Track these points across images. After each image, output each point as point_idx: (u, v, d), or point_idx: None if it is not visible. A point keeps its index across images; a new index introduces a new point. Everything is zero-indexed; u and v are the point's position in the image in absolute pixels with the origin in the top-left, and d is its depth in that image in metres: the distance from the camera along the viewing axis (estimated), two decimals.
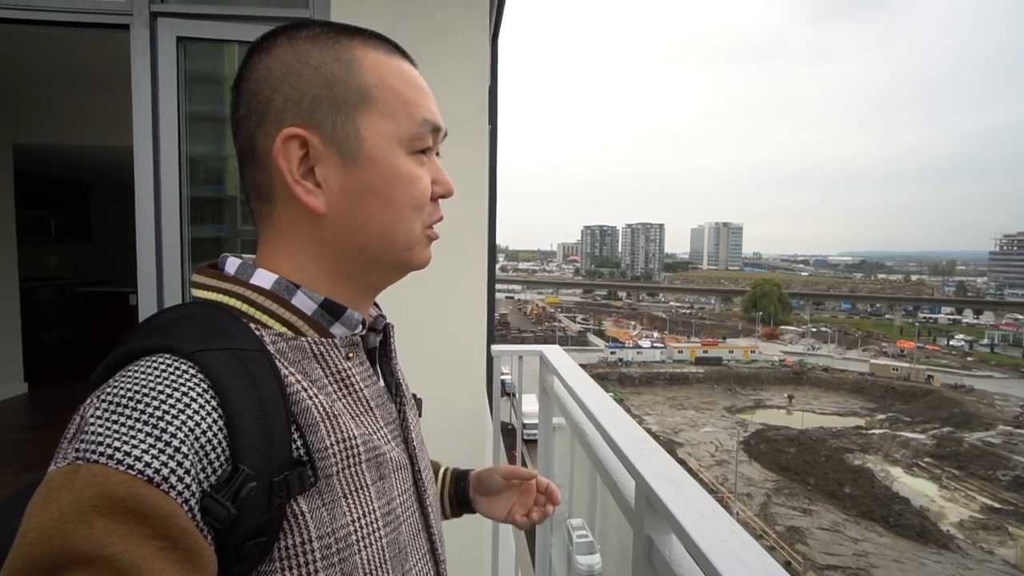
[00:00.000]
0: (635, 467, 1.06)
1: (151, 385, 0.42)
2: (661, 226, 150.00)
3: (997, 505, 25.86)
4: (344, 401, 0.53)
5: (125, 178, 2.32)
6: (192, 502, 0.40)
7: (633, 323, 75.56)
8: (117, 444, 0.39)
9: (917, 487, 27.74)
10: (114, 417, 0.40)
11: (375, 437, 0.55)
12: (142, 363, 0.44)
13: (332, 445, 0.50)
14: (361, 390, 0.56)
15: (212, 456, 0.42)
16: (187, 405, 0.42)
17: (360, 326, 0.57)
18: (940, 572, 21.24)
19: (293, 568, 0.46)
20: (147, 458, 0.39)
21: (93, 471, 0.38)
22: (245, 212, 2.59)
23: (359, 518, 0.50)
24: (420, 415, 0.70)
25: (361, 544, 0.50)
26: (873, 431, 35.59)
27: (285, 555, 0.45)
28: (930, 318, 79.10)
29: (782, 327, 71.70)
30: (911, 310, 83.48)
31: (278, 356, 0.50)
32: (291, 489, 0.46)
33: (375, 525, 0.52)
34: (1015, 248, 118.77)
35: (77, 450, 0.39)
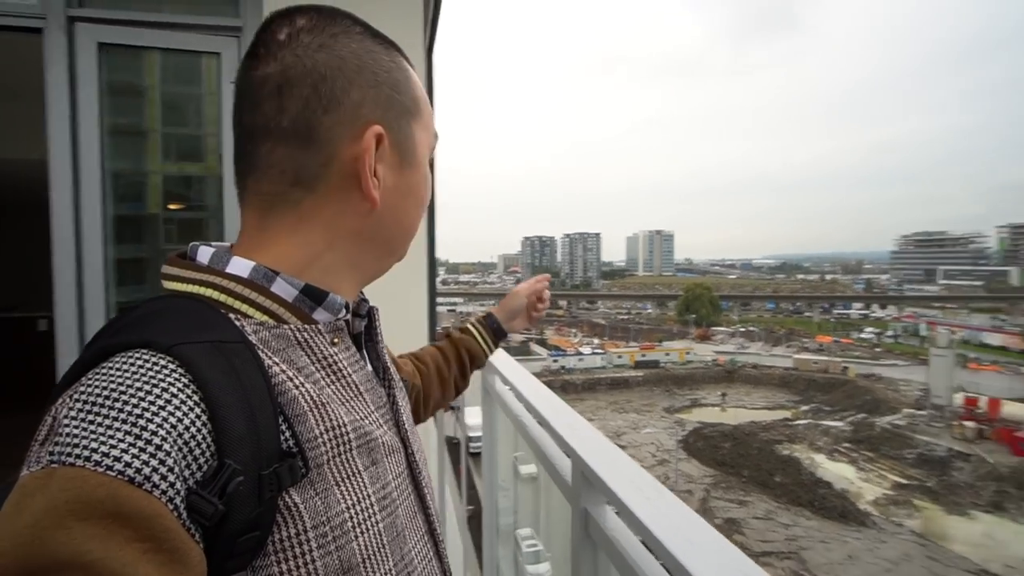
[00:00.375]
0: (570, 445, 1.14)
1: (128, 382, 0.40)
2: (598, 235, 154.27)
3: (904, 481, 28.21)
4: (332, 387, 0.52)
5: (30, 194, 2.20)
6: (177, 500, 0.38)
7: (574, 331, 77.04)
8: (94, 445, 0.37)
9: (838, 471, 29.80)
10: (90, 417, 0.38)
11: (366, 422, 0.54)
12: (117, 360, 0.42)
13: (322, 434, 0.49)
14: (349, 375, 0.55)
15: (196, 452, 0.40)
16: (168, 401, 0.40)
17: (343, 310, 0.56)
18: (859, 547, 22.86)
19: (289, 559, 0.45)
20: (127, 457, 0.37)
21: (69, 474, 0.36)
22: (170, 230, 2.51)
23: (354, 504, 0.50)
24: (410, 399, 0.75)
25: (358, 530, 0.49)
26: (798, 422, 37.94)
27: (280, 547, 0.44)
28: (843, 314, 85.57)
29: (714, 328, 75.23)
30: (827, 307, 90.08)
31: (261, 346, 0.48)
32: (282, 482, 0.44)
33: (371, 510, 0.51)
34: (911, 247, 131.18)
35: (51, 453, 0.37)
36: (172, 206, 2.40)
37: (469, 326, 1.15)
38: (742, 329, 75.13)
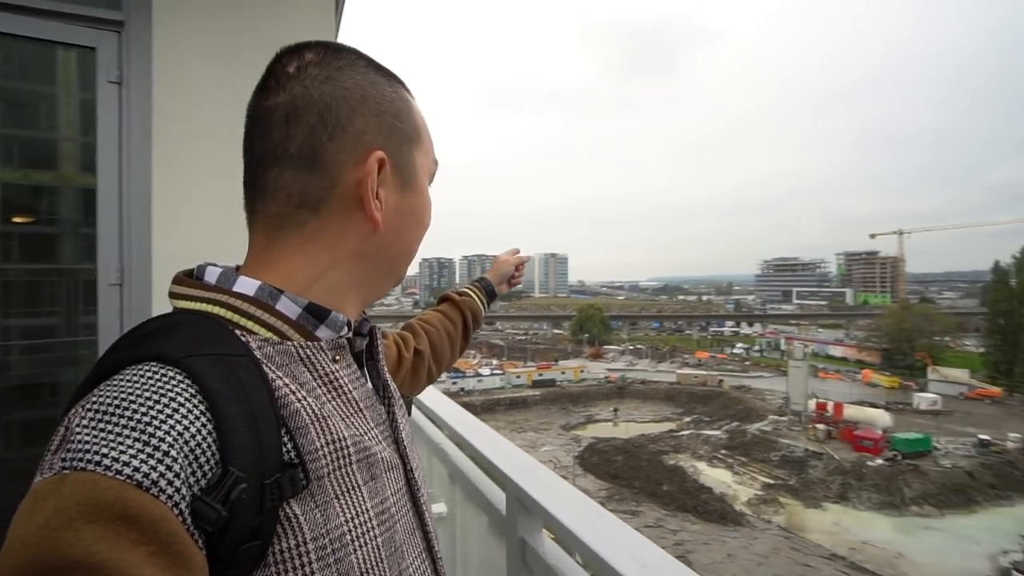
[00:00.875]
0: (506, 474, 1.13)
1: (138, 392, 0.42)
2: (496, 257, 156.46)
3: (771, 481, 31.27)
4: (333, 403, 0.54)
5: None
6: (183, 506, 0.40)
7: (473, 352, 76.92)
8: (105, 451, 0.38)
9: (717, 476, 32.32)
10: (101, 425, 0.40)
11: (366, 438, 0.55)
12: (128, 372, 0.44)
13: (322, 447, 0.50)
14: (350, 392, 0.56)
15: (202, 460, 0.42)
16: (175, 410, 0.42)
17: (345, 328, 0.57)
18: (736, 545, 24.87)
19: (289, 571, 0.45)
20: (136, 463, 0.38)
21: (80, 478, 0.37)
22: (8, 246, 2.14)
23: (353, 518, 0.50)
24: (409, 415, 0.72)
25: (356, 544, 0.50)
26: (682, 433, 40.71)
27: (280, 558, 0.45)
28: (718, 331, 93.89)
29: (605, 347, 78.92)
30: (704, 325, 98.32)
31: (265, 361, 0.50)
32: (283, 492, 0.46)
33: (369, 525, 0.52)
34: (771, 271, 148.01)
35: (63, 459, 0.39)
36: (16, 219, 2.06)
37: (466, 289, 1.22)
38: (631, 347, 79.61)
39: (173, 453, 0.40)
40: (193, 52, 1.95)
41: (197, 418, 0.42)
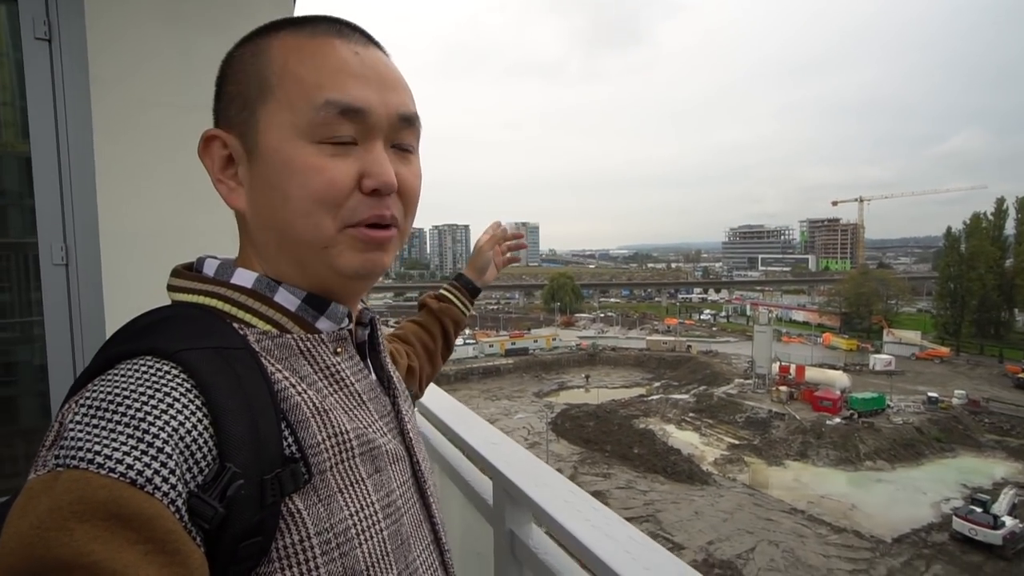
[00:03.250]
0: (492, 464, 1.07)
1: (132, 387, 0.41)
2: (467, 227, 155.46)
3: (736, 442, 32.55)
4: (336, 396, 0.52)
5: None
6: (179, 503, 0.39)
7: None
8: (98, 448, 0.37)
9: (685, 438, 33.45)
10: (94, 421, 0.39)
11: (369, 430, 0.54)
12: (122, 367, 0.43)
13: (324, 440, 0.49)
14: (352, 384, 0.55)
15: (198, 456, 0.40)
16: (170, 405, 0.41)
17: (346, 319, 0.56)
18: (703, 503, 25.97)
19: (293, 566, 0.44)
20: (129, 460, 0.37)
21: (73, 476, 0.36)
22: None
23: (357, 511, 0.49)
24: (414, 407, 0.70)
25: (361, 538, 0.49)
26: (652, 397, 41.81)
27: (284, 554, 0.44)
28: (686, 298, 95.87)
29: (577, 315, 79.81)
30: (673, 292, 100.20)
31: (264, 354, 0.49)
32: (284, 487, 0.44)
33: (374, 518, 0.51)
34: (737, 238, 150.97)
35: (56, 456, 0.38)
36: None
37: (444, 292, 1.12)
38: (601, 315, 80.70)
39: (168, 449, 0.39)
40: (131, 9, 1.75)
41: (193, 413, 0.41)
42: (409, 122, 0.55)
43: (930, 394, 35.97)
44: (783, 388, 37.52)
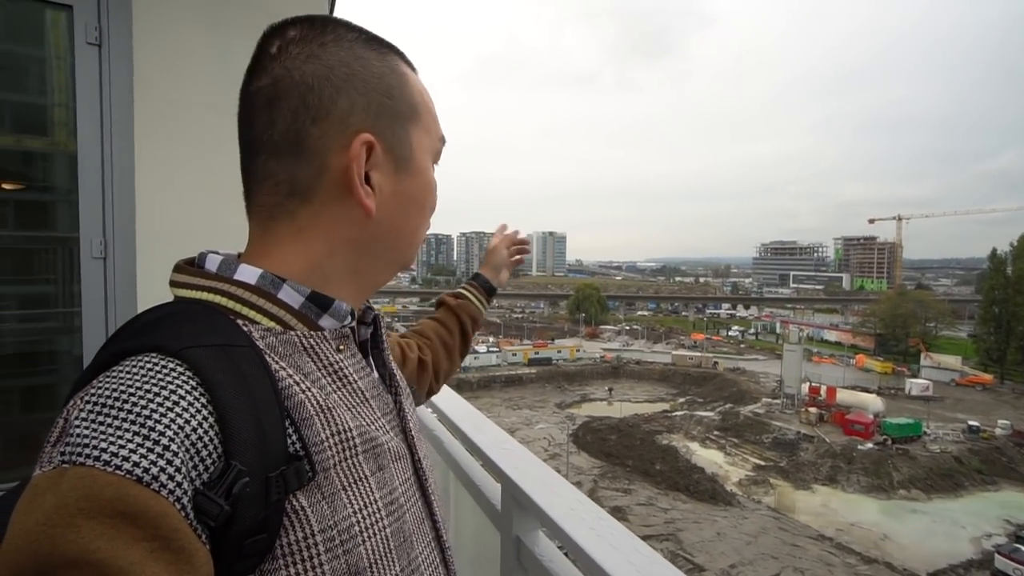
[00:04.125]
0: (501, 469, 1.07)
1: (138, 384, 0.41)
2: (493, 235, 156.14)
3: (763, 463, 31.71)
4: (339, 393, 0.53)
5: None
6: (184, 500, 0.39)
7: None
8: (104, 445, 0.38)
9: (709, 457, 32.73)
10: (100, 418, 0.39)
11: (372, 428, 0.54)
12: (128, 363, 0.43)
13: (328, 438, 0.49)
14: (355, 381, 0.55)
15: (204, 453, 0.41)
16: (175, 403, 0.41)
17: (349, 317, 0.56)
18: (726, 524, 25.31)
19: (298, 563, 0.45)
20: (135, 457, 0.38)
21: (80, 473, 0.37)
22: (3, 213, 2.06)
23: (361, 509, 0.50)
24: (416, 405, 0.71)
25: (365, 535, 0.49)
26: (676, 413, 41.09)
27: (288, 551, 0.45)
28: (714, 313, 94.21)
29: (601, 327, 79.20)
30: (701, 307, 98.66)
31: (268, 351, 0.49)
32: (288, 484, 0.45)
33: (378, 516, 0.51)
34: (768, 254, 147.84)
35: (62, 453, 0.38)
36: (6, 186, 1.98)
37: (462, 290, 1.14)
38: (627, 327, 79.89)
39: (174, 447, 0.39)
40: (177, 15, 1.83)
41: (198, 411, 0.41)
42: None
43: (971, 423, 34.44)
44: (813, 409, 36.43)
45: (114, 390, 0.41)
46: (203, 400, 0.42)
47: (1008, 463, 30.96)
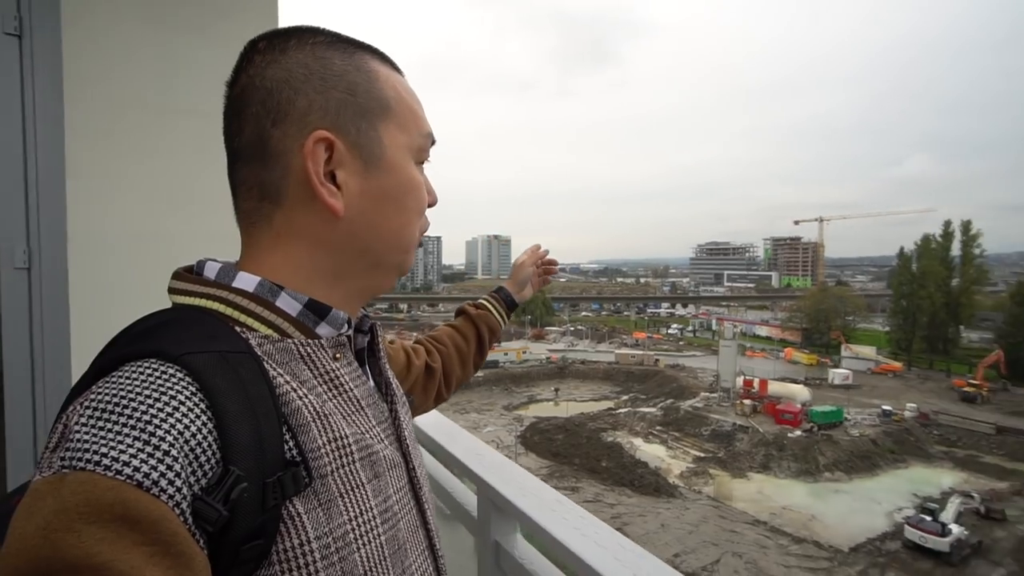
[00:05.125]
0: (477, 475, 1.07)
1: (138, 389, 0.41)
2: (439, 239, 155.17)
3: (702, 455, 33.02)
4: (335, 401, 0.53)
5: None
6: (184, 505, 0.39)
7: (415, 334, 75.98)
8: (104, 450, 0.38)
9: (652, 451, 33.76)
10: (100, 423, 0.39)
11: (368, 436, 0.54)
12: (127, 368, 0.44)
13: (324, 445, 0.49)
14: (351, 390, 0.55)
15: (203, 459, 0.41)
16: (175, 408, 0.41)
17: (346, 326, 0.56)
18: (669, 515, 26.22)
19: (293, 570, 0.45)
20: (136, 463, 0.38)
21: (80, 478, 0.37)
22: None
23: (356, 516, 0.50)
24: (412, 414, 0.70)
25: (360, 543, 0.49)
26: (620, 410, 42.12)
27: (284, 557, 0.45)
28: (655, 312, 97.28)
29: (547, 328, 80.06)
30: (642, 307, 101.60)
31: (265, 358, 0.49)
32: (285, 490, 0.45)
33: (373, 523, 0.51)
34: (704, 254, 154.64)
35: (62, 459, 0.38)
36: None
37: (483, 301, 1.14)
38: (572, 328, 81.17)
39: (174, 452, 0.39)
40: (112, 6, 1.71)
41: (198, 416, 0.42)
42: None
43: (884, 407, 37.30)
44: (747, 402, 38.32)
45: (114, 395, 0.41)
46: (202, 406, 0.42)
47: (915, 442, 33.80)
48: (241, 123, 0.53)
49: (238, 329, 0.50)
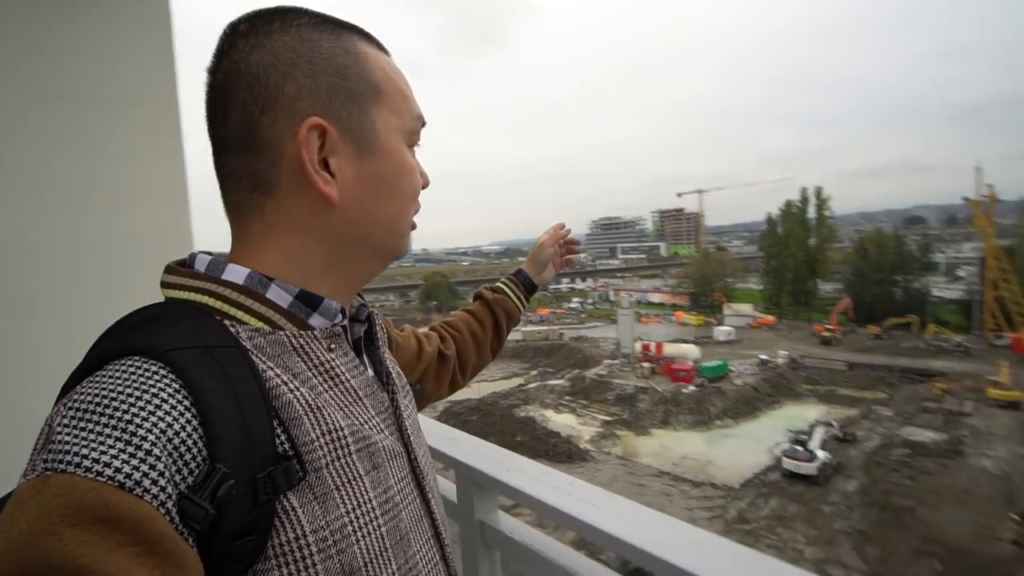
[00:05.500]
0: (454, 458, 1.07)
1: (119, 388, 0.40)
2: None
3: (609, 419, 35.06)
4: (330, 393, 0.52)
5: None
6: (169, 504, 0.38)
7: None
8: (85, 451, 0.37)
9: (563, 421, 35.24)
10: (81, 424, 0.39)
11: (365, 427, 0.53)
12: (110, 367, 0.43)
13: (319, 437, 0.48)
14: (347, 380, 0.54)
15: (187, 457, 0.40)
16: (157, 406, 0.40)
17: (339, 316, 0.55)
18: (583, 478, 27.51)
19: (290, 564, 0.44)
20: (117, 463, 0.37)
21: (62, 481, 0.36)
22: None
23: (354, 508, 0.49)
24: (419, 402, 0.69)
25: (359, 535, 0.49)
26: (530, 386, 43.31)
27: (280, 552, 0.44)
28: (556, 288, 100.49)
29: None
30: None
31: (255, 352, 0.48)
32: (277, 485, 0.44)
33: (372, 515, 0.51)
34: (599, 229, 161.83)
35: (45, 460, 0.38)
36: None
37: (501, 285, 1.09)
38: None
39: (156, 451, 0.39)
40: None
41: (181, 414, 0.41)
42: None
43: (761, 357, 41.83)
44: (646, 364, 41.13)
45: (95, 395, 0.40)
46: (187, 403, 0.41)
47: (788, 384, 38.36)
48: (227, 111, 0.51)
49: (227, 323, 0.49)
